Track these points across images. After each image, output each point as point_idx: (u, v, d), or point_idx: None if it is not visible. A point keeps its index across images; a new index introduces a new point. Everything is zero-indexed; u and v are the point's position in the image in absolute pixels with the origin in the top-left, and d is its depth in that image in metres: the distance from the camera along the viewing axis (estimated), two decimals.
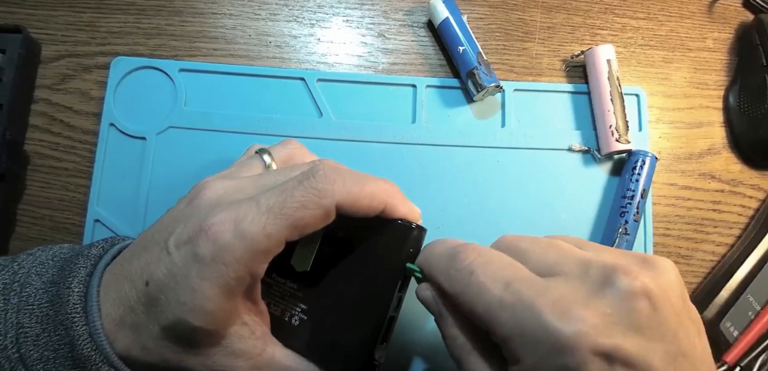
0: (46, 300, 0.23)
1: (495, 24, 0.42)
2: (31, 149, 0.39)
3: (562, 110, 0.40)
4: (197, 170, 0.38)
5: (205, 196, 0.24)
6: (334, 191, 0.23)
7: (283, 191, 0.23)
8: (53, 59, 0.40)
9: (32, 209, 0.38)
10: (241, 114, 0.39)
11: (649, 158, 0.37)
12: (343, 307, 0.26)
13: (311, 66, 0.41)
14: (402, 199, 0.26)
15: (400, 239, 0.26)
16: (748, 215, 0.40)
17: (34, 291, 0.24)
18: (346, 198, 0.23)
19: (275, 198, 0.23)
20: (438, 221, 0.38)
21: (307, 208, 0.23)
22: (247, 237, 0.22)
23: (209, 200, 0.24)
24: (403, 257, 0.26)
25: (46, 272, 0.24)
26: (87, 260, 0.24)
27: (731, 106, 0.41)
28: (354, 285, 0.26)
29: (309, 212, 0.23)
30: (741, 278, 0.36)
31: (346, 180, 0.24)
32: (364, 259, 0.26)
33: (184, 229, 0.23)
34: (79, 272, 0.24)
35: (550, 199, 0.39)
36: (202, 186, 0.25)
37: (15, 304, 0.23)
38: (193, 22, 0.41)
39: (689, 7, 0.43)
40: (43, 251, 0.26)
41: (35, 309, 0.23)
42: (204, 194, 0.24)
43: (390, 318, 0.26)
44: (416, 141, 0.39)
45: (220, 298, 0.22)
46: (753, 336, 0.35)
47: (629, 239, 0.36)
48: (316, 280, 0.27)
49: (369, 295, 0.26)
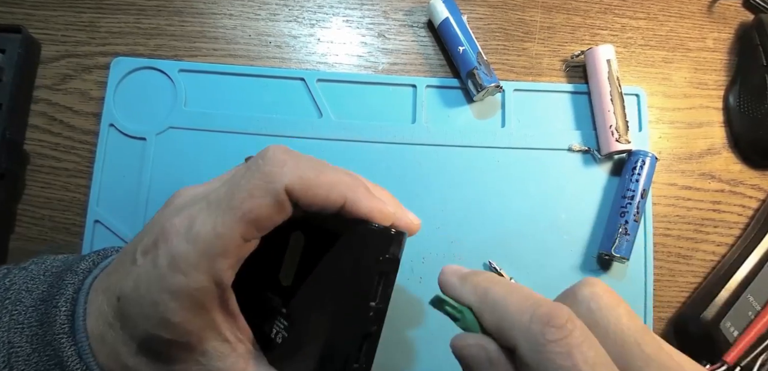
0: (35, 319, 0.23)
1: (495, 24, 0.42)
2: (31, 149, 0.39)
3: (562, 110, 0.40)
4: (197, 171, 0.38)
5: (174, 201, 0.24)
6: (282, 173, 0.21)
7: (232, 183, 0.22)
8: (53, 59, 0.40)
9: (32, 209, 0.38)
10: (241, 114, 0.39)
11: (649, 158, 0.37)
12: (320, 322, 0.24)
13: (311, 66, 0.41)
14: (365, 193, 0.23)
15: (370, 246, 0.23)
16: (748, 215, 0.40)
17: (24, 309, 0.23)
18: (298, 183, 0.21)
19: (223, 191, 0.21)
20: (438, 221, 0.38)
21: (254, 196, 0.21)
22: (199, 240, 0.21)
23: (176, 205, 0.23)
24: (371, 265, 0.23)
25: (37, 289, 0.24)
26: (75, 276, 0.24)
27: (731, 106, 0.41)
28: (328, 299, 0.24)
29: (257, 200, 0.21)
30: (741, 278, 0.36)
31: (298, 163, 0.22)
32: (339, 270, 0.24)
33: (148, 237, 0.22)
34: (67, 289, 0.23)
35: (550, 199, 0.39)
36: (176, 193, 0.24)
37: (6, 323, 0.23)
38: (193, 22, 0.41)
39: (689, 7, 0.43)
40: (37, 265, 0.25)
41: (25, 328, 0.23)
42: (174, 200, 0.24)
43: (366, 334, 0.23)
44: (416, 141, 0.39)
45: (184, 310, 0.21)
46: (753, 336, 0.35)
47: (629, 240, 0.36)
48: (296, 294, 0.25)
49: (343, 308, 0.23)
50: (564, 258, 0.38)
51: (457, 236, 0.38)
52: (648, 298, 0.37)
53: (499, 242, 0.38)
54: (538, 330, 0.17)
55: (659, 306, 0.38)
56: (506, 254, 0.37)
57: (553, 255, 0.38)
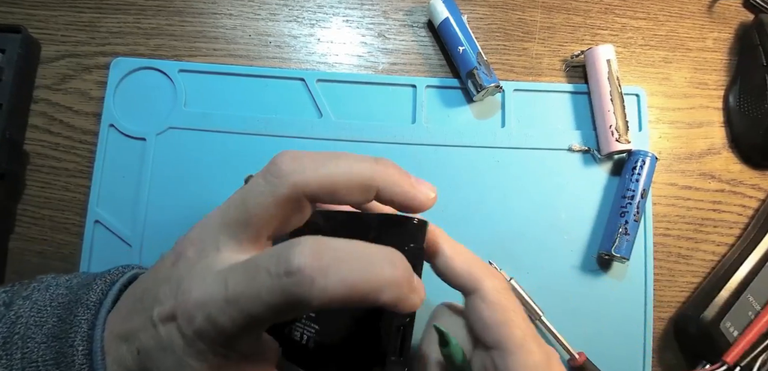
0: (50, 357, 0.22)
1: (495, 24, 0.42)
2: (31, 149, 0.39)
3: (562, 110, 0.40)
4: (197, 171, 0.38)
5: (183, 261, 0.22)
6: (295, 180, 0.20)
7: (246, 206, 0.21)
8: (53, 59, 0.40)
9: (32, 209, 0.38)
10: (240, 114, 0.39)
11: (649, 158, 0.37)
12: (350, 320, 0.24)
13: (311, 66, 0.41)
14: (400, 178, 0.23)
15: (393, 236, 0.23)
16: (748, 215, 0.40)
17: (36, 346, 0.23)
18: (313, 179, 0.21)
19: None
20: (438, 222, 0.37)
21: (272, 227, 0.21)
22: (218, 327, 0.19)
23: (187, 265, 0.22)
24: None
25: (46, 322, 0.23)
26: (87, 311, 0.23)
27: (731, 106, 0.41)
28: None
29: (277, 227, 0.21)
30: (741, 278, 0.36)
31: (312, 161, 0.21)
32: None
33: (163, 305, 0.21)
34: (81, 326, 0.23)
35: (550, 199, 0.39)
36: (183, 245, 0.22)
37: (18, 360, 0.22)
38: (193, 22, 0.41)
39: (689, 7, 0.43)
40: (40, 293, 0.25)
41: (40, 366, 0.22)
42: (185, 254, 0.22)
43: (400, 325, 0.23)
44: (416, 141, 0.39)
45: (210, 367, 0.21)
46: (753, 336, 0.35)
47: (629, 239, 0.36)
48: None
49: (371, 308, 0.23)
50: (564, 258, 0.38)
51: (457, 236, 0.37)
52: (648, 298, 0.37)
53: (499, 242, 0.38)
54: (498, 277, 0.25)
55: (659, 306, 0.38)
56: (506, 254, 0.37)
57: (553, 255, 0.38)
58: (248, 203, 0.21)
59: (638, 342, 0.37)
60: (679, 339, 0.38)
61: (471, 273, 0.25)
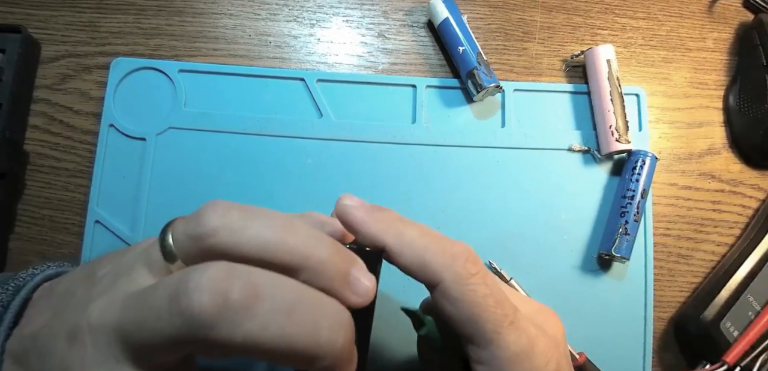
0: None
1: (495, 24, 0.42)
2: (31, 148, 0.39)
3: (562, 110, 0.40)
4: (197, 171, 0.38)
5: (91, 292, 0.21)
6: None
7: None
8: (53, 59, 0.40)
9: (32, 209, 0.38)
10: (240, 115, 0.39)
11: (649, 158, 0.37)
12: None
13: (311, 66, 0.41)
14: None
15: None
16: (748, 215, 0.40)
17: None
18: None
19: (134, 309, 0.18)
20: (438, 222, 0.38)
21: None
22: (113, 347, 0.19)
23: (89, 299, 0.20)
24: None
25: None
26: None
27: (731, 106, 0.41)
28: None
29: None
30: (741, 278, 0.36)
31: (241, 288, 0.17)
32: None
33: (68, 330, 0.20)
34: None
35: (550, 199, 0.39)
36: (82, 300, 0.21)
37: None
38: (193, 22, 0.41)
39: (689, 7, 0.43)
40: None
41: None
42: (90, 290, 0.21)
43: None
44: (416, 141, 0.39)
45: None
46: (753, 336, 0.35)
47: (629, 239, 0.36)
48: None
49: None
50: (564, 258, 0.38)
51: (456, 237, 0.37)
52: (648, 298, 0.37)
53: (499, 242, 0.38)
54: (461, 265, 0.21)
55: (659, 306, 0.38)
56: (506, 254, 0.37)
57: (553, 255, 0.38)
58: (144, 325, 0.18)
59: (638, 342, 0.37)
60: (679, 339, 0.38)
61: (425, 267, 0.21)
